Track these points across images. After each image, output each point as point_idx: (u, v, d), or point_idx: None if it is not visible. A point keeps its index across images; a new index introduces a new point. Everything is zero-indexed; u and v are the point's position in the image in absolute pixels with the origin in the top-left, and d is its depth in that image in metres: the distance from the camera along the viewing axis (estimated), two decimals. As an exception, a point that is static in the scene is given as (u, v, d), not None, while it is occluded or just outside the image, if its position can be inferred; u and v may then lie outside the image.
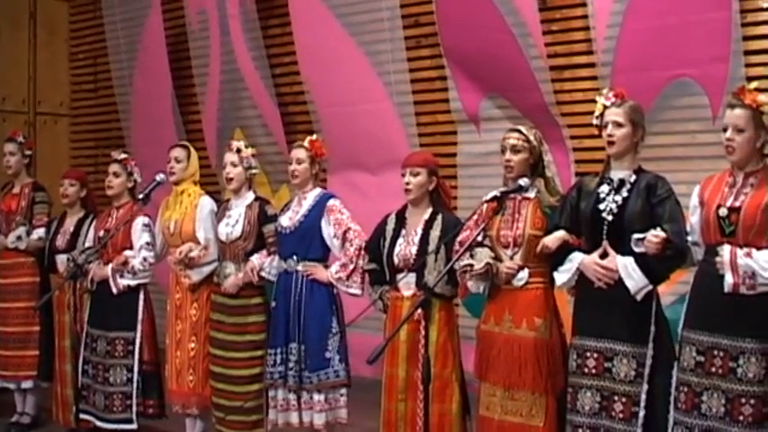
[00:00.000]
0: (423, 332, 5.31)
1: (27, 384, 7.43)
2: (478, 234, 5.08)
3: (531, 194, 5.16)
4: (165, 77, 9.75)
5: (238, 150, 6.27)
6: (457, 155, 7.90)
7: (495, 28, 7.45)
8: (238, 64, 9.06)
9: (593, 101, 7.10)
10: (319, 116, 8.56)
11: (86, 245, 6.95)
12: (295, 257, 5.95)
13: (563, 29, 7.51)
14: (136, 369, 6.58)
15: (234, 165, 6.26)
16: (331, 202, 5.98)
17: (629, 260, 4.68)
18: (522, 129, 5.31)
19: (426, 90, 8.12)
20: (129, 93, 10.40)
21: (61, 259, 7.16)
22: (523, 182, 5.08)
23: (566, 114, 7.45)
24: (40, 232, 7.38)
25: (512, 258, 5.14)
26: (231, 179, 6.27)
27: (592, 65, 7.38)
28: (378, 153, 8.12)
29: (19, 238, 7.40)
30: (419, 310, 4.87)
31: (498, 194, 5.10)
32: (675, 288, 5.59)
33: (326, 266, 5.98)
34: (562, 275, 4.95)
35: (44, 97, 11.08)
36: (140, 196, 6.44)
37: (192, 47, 9.70)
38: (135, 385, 6.58)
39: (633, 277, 4.67)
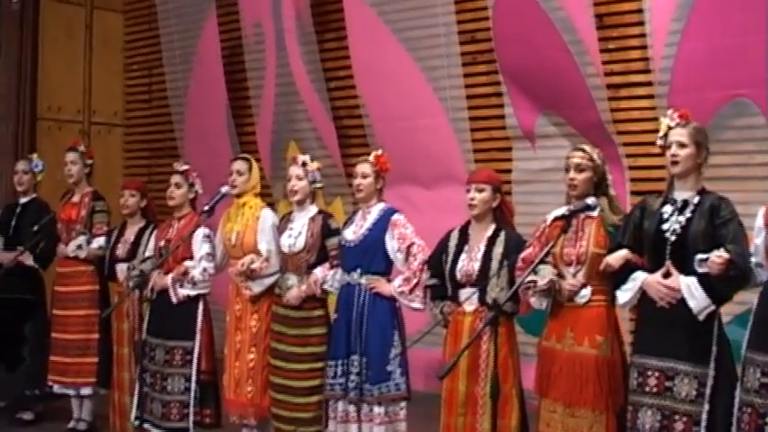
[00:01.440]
0: (484, 347, 5.39)
1: (86, 391, 7.51)
2: (546, 253, 5.11)
3: (595, 213, 5.19)
4: (220, 89, 9.84)
5: (304, 164, 6.35)
6: (512, 171, 7.94)
7: (551, 45, 7.48)
8: (293, 77, 9.13)
9: (650, 119, 7.20)
10: (374, 130, 8.61)
11: (147, 254, 7.03)
12: (358, 271, 6.02)
13: (620, 47, 7.53)
14: (194, 378, 6.63)
15: (299, 178, 6.34)
16: (395, 216, 6.05)
17: (692, 280, 4.69)
18: (587, 148, 5.35)
19: (482, 106, 8.16)
20: (184, 104, 10.50)
21: (121, 268, 7.24)
22: (591, 201, 5.11)
23: (621, 133, 7.46)
24: (100, 241, 7.47)
25: (574, 276, 5.17)
26: (296, 192, 6.35)
27: (648, 83, 7.39)
28: (432, 168, 8.17)
29: (79, 247, 7.48)
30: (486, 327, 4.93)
31: (567, 213, 5.15)
32: (731, 308, 5.59)
33: (389, 280, 6.04)
34: (625, 294, 4.98)
35: (99, 107, 11.21)
36: (205, 208, 6.50)
37: (248, 59, 9.78)
38: (192, 394, 6.62)
39: (696, 297, 4.69)
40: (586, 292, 5.14)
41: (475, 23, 8.14)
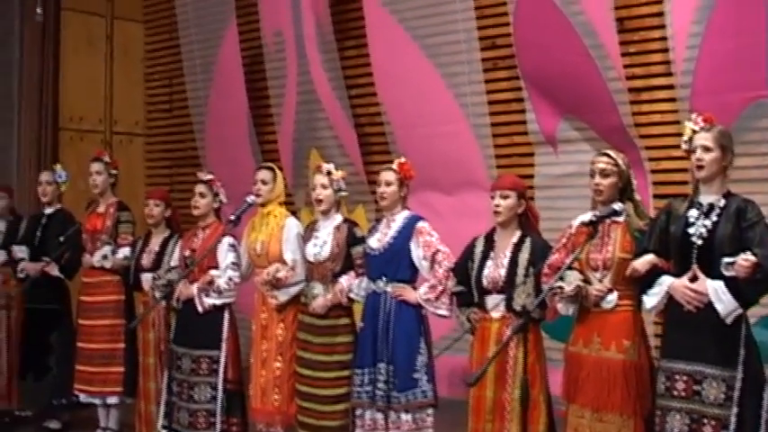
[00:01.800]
0: (511, 354, 5.40)
1: (112, 400, 7.54)
2: (574, 259, 5.12)
3: (621, 218, 5.19)
4: (240, 98, 9.87)
5: (329, 173, 6.37)
6: (534, 176, 7.94)
7: (572, 50, 7.48)
8: (314, 85, 9.14)
9: (672, 123, 7.20)
10: (395, 137, 8.62)
11: (172, 264, 7.06)
12: (384, 279, 6.03)
13: (641, 50, 7.52)
14: (220, 387, 6.65)
15: (324, 187, 6.36)
16: (420, 224, 6.06)
17: (719, 284, 4.69)
18: (611, 153, 5.36)
19: (503, 112, 8.16)
20: (205, 113, 10.53)
21: (146, 278, 7.27)
22: (618, 206, 5.11)
23: (643, 136, 7.46)
24: (125, 251, 7.50)
25: (601, 281, 5.18)
26: (321, 201, 6.37)
27: (670, 86, 7.38)
28: (454, 174, 8.18)
29: (104, 257, 7.51)
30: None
31: (594, 219, 5.16)
32: (756, 310, 5.57)
33: (414, 288, 6.05)
34: (651, 299, 4.98)
35: (120, 117, 11.27)
36: (232, 218, 6.53)
37: (268, 67, 9.81)
38: (219, 403, 6.65)
39: (723, 301, 4.69)
40: (613, 297, 5.15)
41: (495, 29, 8.15)
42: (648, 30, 7.49)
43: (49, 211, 8.16)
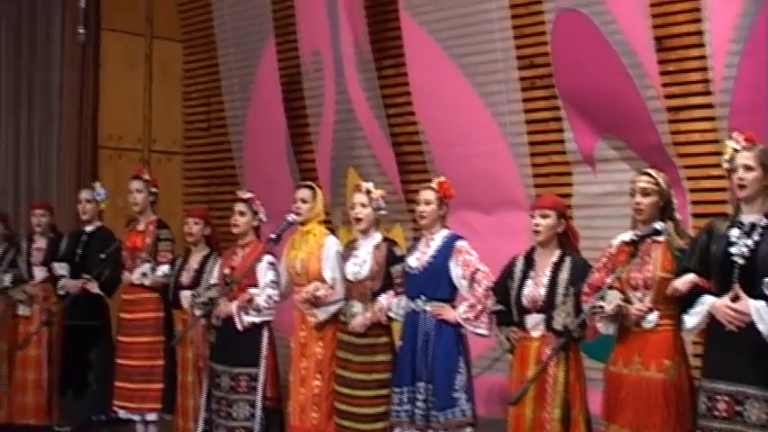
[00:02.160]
0: (551, 372, 5.40)
1: (151, 417, 7.57)
2: (615, 279, 5.12)
3: (661, 237, 5.19)
4: (278, 117, 9.90)
5: (368, 191, 6.40)
6: (572, 196, 7.91)
7: (610, 69, 7.46)
8: (352, 104, 9.16)
9: (711, 142, 7.17)
10: (433, 156, 8.63)
11: (211, 282, 7.10)
12: (423, 297, 6.05)
13: (680, 69, 7.49)
14: (259, 405, 6.69)
15: (363, 205, 6.39)
16: (459, 243, 6.08)
17: (762, 304, 4.66)
18: (652, 172, 5.36)
19: (541, 131, 8.14)
20: (243, 131, 10.57)
21: (185, 295, 7.31)
22: (659, 226, 5.11)
23: (682, 155, 7.42)
24: (164, 269, 7.55)
25: (641, 300, 5.18)
26: (360, 219, 6.40)
27: (709, 105, 7.35)
28: (492, 193, 8.17)
29: (144, 274, 7.57)
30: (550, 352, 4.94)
31: (635, 238, 5.16)
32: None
33: (453, 306, 6.06)
34: (692, 318, 4.96)
35: (158, 135, 11.34)
36: (272, 236, 6.57)
37: (306, 87, 9.84)
38: (257, 421, 6.68)
39: (765, 320, 4.65)
40: (653, 316, 5.15)
41: (533, 48, 8.13)
42: (687, 48, 7.46)
43: (89, 228, 8.24)
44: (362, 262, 6.36)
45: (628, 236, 5.29)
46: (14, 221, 9.51)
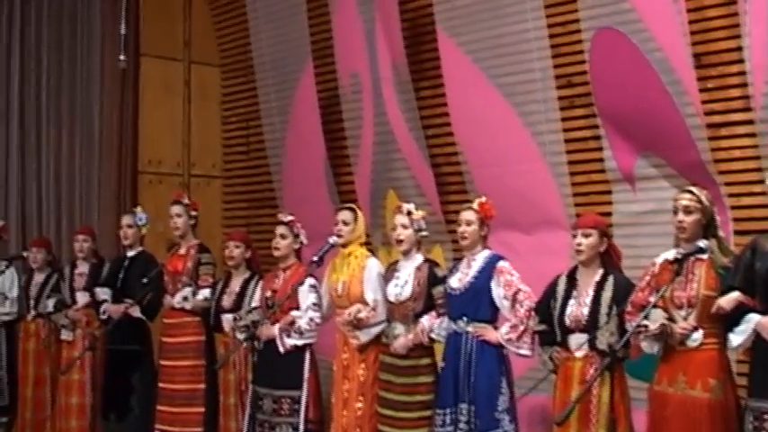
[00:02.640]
0: (594, 392, 5.37)
1: (193, 440, 7.64)
2: (659, 298, 5.09)
3: (705, 255, 5.16)
4: (317, 139, 9.92)
5: (409, 213, 6.41)
6: (612, 214, 7.88)
7: (649, 86, 7.43)
8: (391, 125, 9.16)
9: (752, 158, 7.11)
10: (472, 176, 8.61)
11: (253, 305, 7.13)
12: (465, 318, 6.04)
13: (719, 86, 7.45)
14: (301, 428, 6.73)
15: (404, 227, 6.40)
16: (500, 263, 6.07)
17: (807, 321, 4.65)
18: (695, 190, 5.33)
19: (580, 150, 8.10)
20: (282, 154, 10.60)
21: (227, 319, 7.36)
22: (703, 244, 5.08)
23: (723, 172, 7.37)
24: (205, 293, 7.60)
25: (685, 319, 5.15)
26: (401, 241, 6.41)
27: (750, 122, 7.30)
28: (531, 213, 8.14)
29: (185, 298, 7.62)
30: (594, 372, 4.91)
31: (679, 257, 5.13)
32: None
33: (495, 327, 6.05)
34: (738, 337, 4.94)
35: (197, 159, 11.39)
36: (314, 259, 6.60)
37: (345, 108, 9.85)
38: (300, 443, 6.72)
39: (812, 338, 4.64)
40: (698, 335, 5.11)
41: (571, 67, 8.11)
42: (726, 65, 7.41)
43: (131, 253, 8.31)
44: (404, 283, 6.37)
45: (671, 254, 5.27)
46: (57, 247, 9.58)
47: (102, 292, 8.25)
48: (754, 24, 6.86)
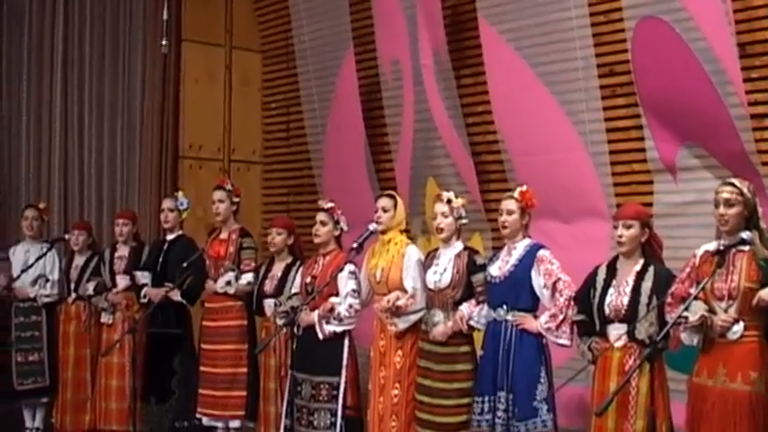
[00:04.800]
0: (633, 383, 5.36)
1: (234, 424, 7.68)
2: (701, 289, 5.07)
3: (746, 247, 5.12)
4: (358, 126, 9.93)
5: (449, 201, 6.42)
6: (653, 204, 7.84)
7: (692, 76, 7.39)
8: (431, 113, 9.16)
9: (795, 150, 7.06)
10: (513, 165, 8.59)
11: (293, 290, 7.16)
12: (504, 307, 6.05)
13: (764, 76, 7.38)
14: (339, 413, 6.76)
15: (445, 215, 6.41)
16: (541, 252, 6.07)
17: None
18: (736, 182, 5.29)
19: (622, 139, 8.07)
20: (322, 141, 10.62)
21: (268, 304, 7.41)
22: (746, 235, 5.04)
23: (766, 163, 7.33)
24: (248, 277, 7.64)
25: (726, 311, 5.11)
26: (442, 229, 6.42)
27: (794, 112, 7.27)
28: (572, 202, 8.11)
29: (228, 283, 7.66)
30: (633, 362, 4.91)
31: (721, 248, 5.10)
32: None
33: (535, 316, 6.06)
34: (780, 329, 4.92)
35: (238, 145, 11.42)
36: (354, 245, 6.62)
37: (385, 96, 9.86)
38: (338, 429, 6.73)
39: None
40: (739, 327, 5.08)
41: (613, 56, 8.07)
42: (772, 55, 7.38)
43: (171, 237, 8.36)
44: (443, 271, 6.38)
45: (712, 246, 5.24)
46: (98, 230, 9.66)
47: (143, 276, 8.31)
48: (801, 14, 6.83)
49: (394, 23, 9.50)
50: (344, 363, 6.78)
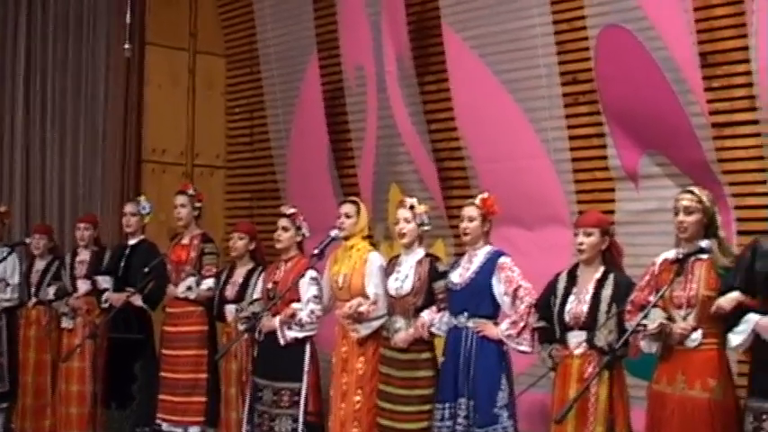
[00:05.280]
0: (593, 390, 5.38)
1: (194, 429, 7.66)
2: (659, 297, 5.10)
3: (705, 255, 5.16)
4: (321, 132, 9.92)
5: (412, 207, 6.43)
6: (615, 212, 7.88)
7: (655, 85, 7.43)
8: (395, 119, 9.16)
9: (756, 158, 7.11)
10: (476, 172, 8.60)
11: (255, 296, 7.15)
12: (465, 314, 6.06)
13: (725, 85, 7.44)
14: (301, 419, 6.76)
15: (407, 221, 6.42)
16: (502, 259, 6.09)
17: (807, 322, 4.66)
18: (696, 190, 5.34)
19: (584, 147, 8.10)
20: (285, 146, 10.60)
21: (230, 309, 7.39)
22: (705, 244, 5.08)
23: (727, 172, 7.38)
24: (209, 282, 7.62)
25: (685, 319, 5.15)
26: (404, 235, 6.43)
27: (754, 122, 7.29)
28: (535, 210, 8.13)
29: (189, 288, 7.64)
30: (592, 370, 4.93)
31: (680, 257, 5.13)
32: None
33: (496, 323, 6.07)
34: (737, 337, 4.95)
35: (201, 149, 11.37)
36: (315, 252, 6.62)
37: (349, 102, 9.84)
38: (299, 435, 6.74)
39: (811, 339, 4.65)
40: (697, 335, 5.11)
41: (576, 64, 8.10)
42: (732, 64, 7.40)
43: (132, 241, 8.33)
44: (405, 277, 6.39)
45: (672, 254, 5.28)
46: (59, 234, 9.60)
47: (104, 281, 8.26)
48: (761, 24, 6.86)
49: (358, 29, 9.50)
50: (306, 369, 6.77)
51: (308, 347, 6.80)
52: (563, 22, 8.03)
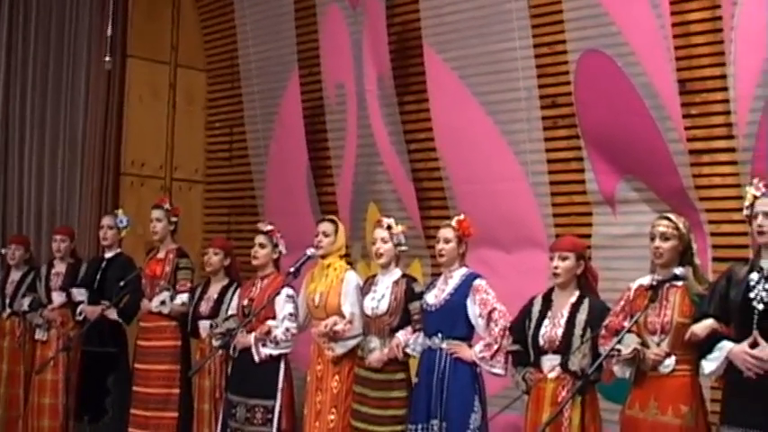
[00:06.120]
0: (566, 414, 5.39)
1: (166, 444, 7.63)
2: (634, 323, 5.12)
3: (680, 282, 5.19)
4: (300, 149, 9.92)
5: (389, 227, 6.44)
6: (592, 236, 7.91)
7: (633, 110, 7.46)
8: (374, 138, 9.17)
9: (733, 186, 7.15)
10: (454, 193, 8.62)
11: (229, 312, 7.14)
12: (440, 335, 6.07)
13: (703, 113, 7.49)
14: (274, 437, 6.73)
15: (384, 241, 6.43)
16: (477, 281, 6.10)
17: (781, 351, 4.67)
18: (672, 216, 5.37)
19: (562, 170, 8.13)
20: (264, 162, 10.59)
21: (204, 325, 7.38)
22: (679, 271, 5.11)
23: (704, 199, 7.41)
24: (183, 298, 7.61)
25: (659, 345, 5.18)
26: (381, 254, 6.43)
27: (732, 149, 7.34)
28: (512, 232, 8.15)
29: (163, 302, 7.61)
30: (566, 394, 4.94)
31: (654, 283, 5.16)
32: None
33: (470, 345, 6.07)
34: (710, 364, 4.96)
35: (180, 163, 11.35)
36: (291, 270, 6.62)
37: (329, 119, 9.85)
38: (272, 452, 6.72)
39: (784, 368, 4.67)
40: (671, 361, 5.14)
41: (556, 88, 8.14)
42: (711, 92, 7.45)
43: (108, 255, 8.31)
44: (381, 297, 6.39)
45: (646, 280, 5.31)
46: (36, 245, 9.56)
47: (79, 293, 8.24)
48: (740, 53, 6.90)
49: (340, 47, 9.52)
50: (280, 386, 6.76)
51: (282, 365, 6.80)
52: (543, 46, 8.06)
